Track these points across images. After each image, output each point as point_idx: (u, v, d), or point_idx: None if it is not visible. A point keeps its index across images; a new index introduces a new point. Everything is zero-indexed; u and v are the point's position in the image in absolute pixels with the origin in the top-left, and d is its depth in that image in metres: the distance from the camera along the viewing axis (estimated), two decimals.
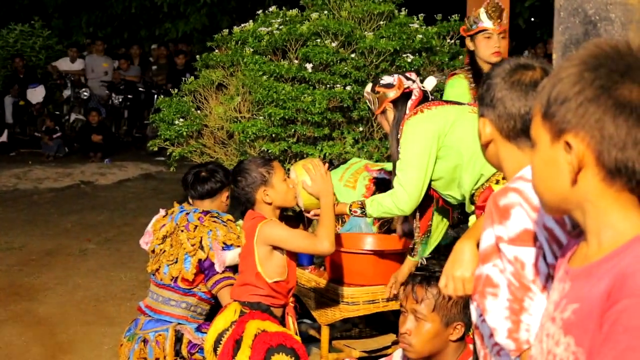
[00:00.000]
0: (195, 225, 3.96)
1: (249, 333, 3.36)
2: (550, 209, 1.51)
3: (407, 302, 2.98)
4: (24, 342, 5.00)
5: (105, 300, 5.83)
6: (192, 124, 6.27)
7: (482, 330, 1.98)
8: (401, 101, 3.78)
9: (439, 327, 2.92)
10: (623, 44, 1.41)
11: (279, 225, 3.54)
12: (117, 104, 13.70)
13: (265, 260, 3.47)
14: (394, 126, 3.78)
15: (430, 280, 2.94)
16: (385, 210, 3.77)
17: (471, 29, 4.44)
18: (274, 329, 3.39)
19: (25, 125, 14.29)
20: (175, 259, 3.99)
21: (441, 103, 3.77)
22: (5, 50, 14.75)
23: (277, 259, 3.50)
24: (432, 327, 2.92)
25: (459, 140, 3.61)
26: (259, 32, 6.26)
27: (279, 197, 3.58)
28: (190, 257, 3.94)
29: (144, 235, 4.22)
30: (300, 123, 5.78)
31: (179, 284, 4.00)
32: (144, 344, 4.00)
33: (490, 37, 4.42)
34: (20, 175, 11.22)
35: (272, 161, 3.67)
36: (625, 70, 1.36)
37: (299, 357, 3.37)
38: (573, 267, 1.48)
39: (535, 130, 1.48)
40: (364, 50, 5.96)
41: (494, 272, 1.80)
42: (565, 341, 1.40)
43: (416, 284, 2.97)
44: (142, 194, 9.99)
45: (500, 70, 1.91)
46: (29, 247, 7.31)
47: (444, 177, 3.70)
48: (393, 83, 3.78)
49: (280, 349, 3.33)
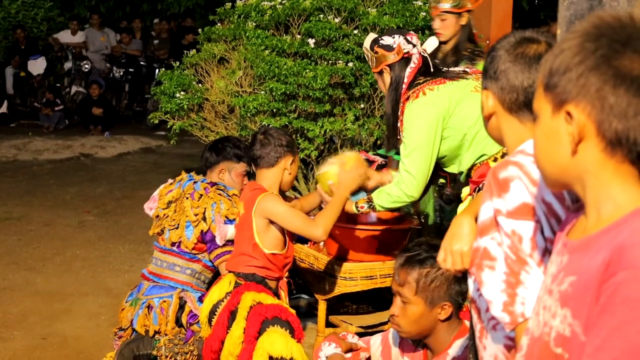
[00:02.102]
0: (200, 195, 3.98)
1: (245, 305, 3.37)
2: (551, 182, 1.51)
3: (393, 284, 2.99)
4: (21, 311, 5.02)
5: (103, 271, 5.84)
6: (193, 97, 6.25)
7: (479, 304, 1.98)
8: (400, 65, 3.69)
9: (424, 308, 2.91)
10: (625, 15, 1.40)
11: (278, 200, 3.55)
12: (118, 77, 13.66)
13: (263, 232, 3.48)
14: (391, 90, 3.71)
15: (412, 263, 2.93)
16: (394, 200, 3.71)
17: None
18: (269, 301, 3.41)
19: (26, 96, 14.26)
20: (177, 225, 4.01)
21: (443, 81, 3.70)
22: (7, 21, 14.69)
23: (274, 232, 3.51)
24: (417, 309, 2.92)
25: (463, 120, 3.58)
26: (261, 6, 6.23)
27: (293, 174, 3.65)
28: (193, 227, 3.95)
29: (148, 200, 4.23)
30: (301, 98, 5.76)
31: (182, 248, 4.01)
32: (148, 310, 4.01)
33: (434, 20, 4.51)
34: (20, 146, 11.22)
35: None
36: (627, 40, 1.36)
37: (293, 329, 3.39)
38: (571, 240, 1.48)
39: (537, 102, 1.48)
40: (367, 27, 5.93)
41: (491, 245, 1.80)
42: (562, 313, 1.40)
43: (399, 268, 2.96)
44: (141, 168, 9.99)
45: (505, 43, 1.90)
46: (28, 217, 7.32)
47: (447, 156, 3.68)
48: (393, 46, 3.70)
49: (276, 321, 3.34)
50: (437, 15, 4.46)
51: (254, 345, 3.32)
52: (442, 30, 4.46)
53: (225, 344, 3.40)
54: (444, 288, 2.90)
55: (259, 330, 3.33)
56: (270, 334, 3.31)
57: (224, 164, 4.23)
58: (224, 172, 4.22)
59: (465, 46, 4.45)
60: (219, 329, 3.44)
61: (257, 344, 3.31)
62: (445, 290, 2.90)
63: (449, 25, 4.43)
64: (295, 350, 3.35)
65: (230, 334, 3.39)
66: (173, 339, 3.99)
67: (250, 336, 3.33)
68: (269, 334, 3.31)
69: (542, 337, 1.48)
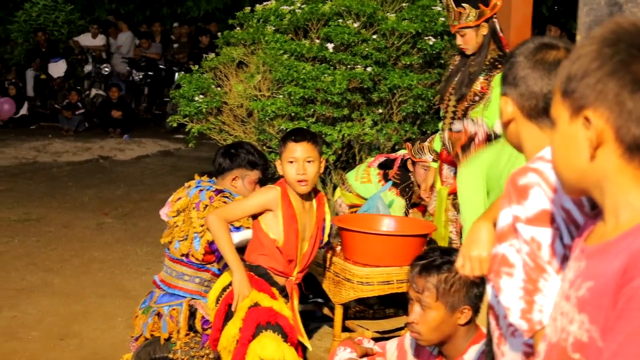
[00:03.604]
0: (205, 205, 3.96)
1: (243, 305, 3.39)
2: (569, 188, 1.50)
3: (411, 291, 2.97)
4: (39, 311, 5.04)
5: (121, 273, 5.87)
6: (212, 100, 6.27)
7: (497, 311, 1.97)
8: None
9: (445, 313, 2.90)
10: None
11: (252, 195, 3.71)
12: (138, 80, 13.73)
13: (263, 217, 3.53)
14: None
15: (430, 269, 2.92)
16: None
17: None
18: (266, 303, 3.42)
19: (46, 99, 14.36)
20: (186, 236, 4.00)
21: None
22: (28, 24, 14.81)
23: (270, 218, 3.54)
24: (438, 315, 2.90)
25: None
26: (281, 10, 6.25)
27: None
28: (200, 237, 3.95)
29: (165, 205, 4.23)
30: (319, 103, 5.76)
31: (191, 259, 4.02)
32: (157, 318, 4.03)
33: (456, 36, 4.53)
34: (39, 148, 11.30)
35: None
36: None
37: (285, 333, 3.40)
38: (589, 246, 1.47)
39: (555, 108, 1.48)
40: (386, 32, 5.93)
41: (510, 252, 1.80)
42: (579, 319, 1.39)
43: (416, 275, 2.94)
44: (159, 171, 10.03)
45: (524, 49, 1.90)
46: (47, 219, 7.36)
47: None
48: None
49: (268, 326, 3.37)
50: (456, 32, 4.45)
51: (247, 348, 3.35)
52: (464, 45, 4.45)
53: (221, 338, 3.43)
54: (463, 292, 2.89)
55: (253, 334, 3.36)
56: (262, 339, 3.34)
57: (238, 171, 4.18)
58: (237, 180, 4.18)
59: (488, 56, 4.42)
60: (217, 320, 3.48)
61: (249, 347, 3.33)
62: (465, 294, 2.90)
63: (469, 40, 4.41)
64: (288, 353, 3.36)
65: (225, 331, 3.42)
66: (189, 342, 4.00)
67: (244, 339, 3.36)
68: (260, 339, 3.35)
69: (559, 343, 1.47)
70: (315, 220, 3.66)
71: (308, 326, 4.71)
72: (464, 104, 4.44)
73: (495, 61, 4.38)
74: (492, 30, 4.41)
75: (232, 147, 4.31)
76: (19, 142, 11.67)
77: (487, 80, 4.38)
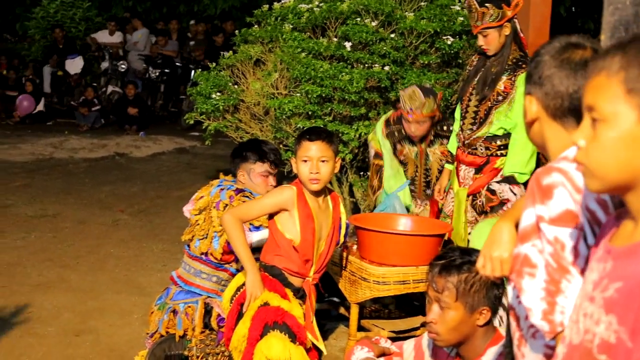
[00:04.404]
0: (225, 204, 3.96)
1: (253, 305, 3.39)
2: (609, 186, 1.46)
3: (430, 291, 2.95)
4: (55, 307, 5.06)
5: (136, 270, 5.88)
6: (229, 98, 6.27)
7: (518, 312, 1.96)
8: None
9: (464, 314, 2.88)
10: None
11: (267, 194, 3.68)
12: (154, 77, 13.77)
13: (279, 217, 3.52)
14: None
15: (450, 269, 2.90)
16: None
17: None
18: (275, 303, 3.41)
19: (63, 95, 14.43)
20: (206, 235, 4.01)
21: None
22: (46, 21, 14.88)
23: (285, 217, 3.52)
24: (457, 315, 2.88)
25: None
26: (298, 8, 6.24)
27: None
28: (219, 237, 3.95)
29: (189, 202, 4.23)
30: (337, 102, 5.75)
31: (210, 257, 4.02)
32: (173, 315, 4.04)
33: (477, 37, 4.48)
34: (56, 144, 11.36)
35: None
36: None
37: (293, 332, 3.38)
38: (616, 246, 1.45)
39: (611, 105, 1.42)
40: (404, 31, 5.91)
41: (532, 252, 1.78)
42: (607, 320, 1.38)
43: (436, 274, 2.92)
44: (175, 168, 10.05)
45: (550, 48, 1.88)
46: (63, 215, 7.39)
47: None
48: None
49: (275, 326, 3.36)
50: (479, 33, 4.42)
51: (254, 347, 3.35)
52: (486, 45, 4.42)
53: (232, 338, 3.43)
54: (482, 292, 2.87)
55: (261, 334, 3.35)
56: (269, 339, 3.33)
57: (243, 165, 4.18)
58: (244, 175, 4.19)
59: (510, 56, 4.39)
60: (230, 319, 3.48)
61: (256, 347, 3.33)
62: (484, 295, 2.87)
63: (492, 40, 4.39)
64: (295, 353, 3.34)
65: (236, 331, 3.42)
66: (204, 340, 4.00)
67: (253, 339, 3.35)
68: (267, 339, 3.34)
69: (583, 345, 1.45)
70: (332, 220, 3.65)
71: (324, 325, 4.70)
72: (486, 104, 4.41)
73: (518, 61, 4.35)
74: (513, 31, 4.38)
75: (239, 144, 4.35)
76: (35, 138, 11.74)
77: (510, 80, 4.36)
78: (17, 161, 10.09)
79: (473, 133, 4.50)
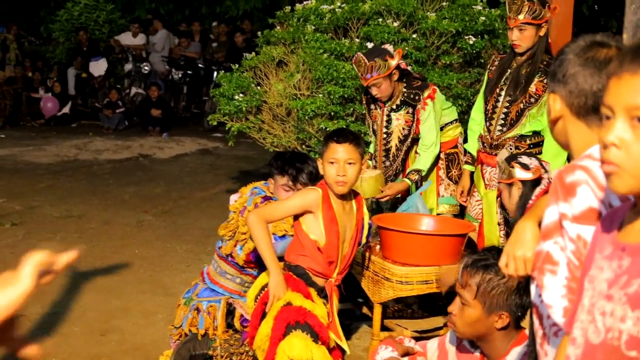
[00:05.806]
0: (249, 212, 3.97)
1: (277, 305, 3.40)
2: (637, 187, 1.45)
3: (456, 284, 3.00)
4: (80, 306, 5.10)
5: (161, 270, 5.92)
6: (252, 99, 6.30)
7: (541, 310, 1.95)
8: (532, 184, 3.77)
9: (481, 313, 2.91)
10: None
11: (292, 196, 3.67)
12: (177, 79, 13.84)
13: (304, 218, 3.52)
14: (518, 207, 3.79)
15: (477, 267, 2.92)
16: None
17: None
18: (298, 303, 3.42)
19: (87, 97, 14.54)
20: (232, 235, 4.03)
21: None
22: (70, 23, 15.00)
23: (310, 219, 3.52)
24: (474, 313, 2.91)
25: None
26: (321, 9, 6.25)
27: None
28: (242, 245, 3.97)
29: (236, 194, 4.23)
30: (359, 102, 5.76)
31: (235, 259, 4.04)
32: (196, 313, 4.07)
33: (511, 30, 4.42)
34: (80, 146, 11.45)
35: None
36: None
37: (315, 332, 3.39)
38: (632, 243, 1.44)
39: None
40: (426, 31, 5.91)
41: (554, 250, 1.78)
42: (634, 315, 1.38)
43: (462, 270, 2.96)
44: (198, 169, 10.10)
45: (575, 47, 1.87)
46: (88, 216, 7.45)
47: None
48: (530, 166, 3.78)
49: (297, 326, 3.37)
50: (516, 27, 4.35)
51: (277, 347, 3.36)
52: (520, 41, 4.35)
53: (255, 338, 3.45)
54: (503, 297, 2.88)
55: (283, 334, 3.36)
56: (291, 338, 3.34)
57: (274, 176, 4.19)
58: (272, 185, 4.20)
59: (541, 58, 4.36)
60: (254, 319, 3.49)
61: (278, 347, 3.34)
62: (505, 300, 2.88)
63: (527, 37, 4.33)
64: (317, 353, 3.35)
65: (259, 331, 3.43)
66: (229, 339, 4.03)
67: (275, 338, 3.37)
68: (289, 339, 3.35)
69: (607, 343, 1.45)
70: (356, 222, 3.66)
71: (347, 325, 4.71)
72: (518, 106, 4.39)
73: (549, 63, 4.32)
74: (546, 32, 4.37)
75: (278, 152, 4.37)
76: (60, 140, 11.85)
77: (542, 82, 4.32)
78: (43, 163, 10.19)
79: (503, 134, 4.47)
